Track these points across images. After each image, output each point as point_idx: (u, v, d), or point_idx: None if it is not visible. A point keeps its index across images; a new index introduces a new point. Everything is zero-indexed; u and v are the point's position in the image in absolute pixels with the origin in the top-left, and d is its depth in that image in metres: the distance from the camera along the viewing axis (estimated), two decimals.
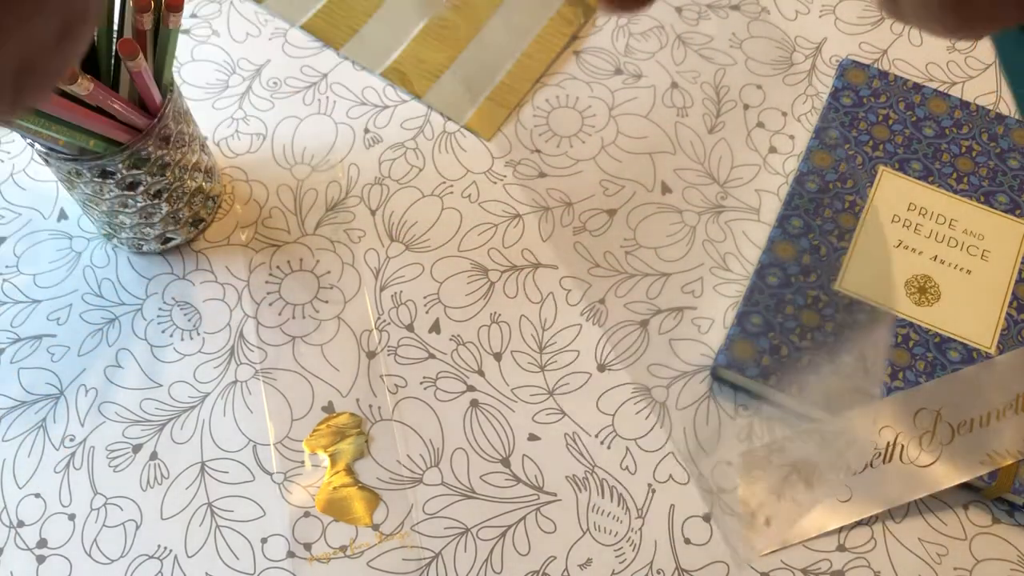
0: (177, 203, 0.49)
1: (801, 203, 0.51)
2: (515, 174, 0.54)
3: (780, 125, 0.56)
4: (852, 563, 0.44)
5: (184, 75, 0.58)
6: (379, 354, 0.49)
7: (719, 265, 0.52)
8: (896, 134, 0.53)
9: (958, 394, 0.46)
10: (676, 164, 0.54)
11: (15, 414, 0.48)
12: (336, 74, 0.57)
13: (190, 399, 0.48)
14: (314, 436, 0.47)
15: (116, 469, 0.47)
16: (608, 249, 0.52)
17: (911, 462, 0.45)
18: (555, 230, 0.53)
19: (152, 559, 0.45)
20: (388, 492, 0.46)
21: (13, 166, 0.55)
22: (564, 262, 0.52)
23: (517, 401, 0.48)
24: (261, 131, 0.56)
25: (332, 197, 0.54)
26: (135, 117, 0.44)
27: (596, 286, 0.51)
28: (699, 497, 0.46)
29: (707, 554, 0.44)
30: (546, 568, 0.44)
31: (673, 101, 0.57)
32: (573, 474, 0.46)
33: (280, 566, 0.44)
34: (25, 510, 0.46)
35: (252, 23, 0.59)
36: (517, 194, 0.54)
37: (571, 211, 0.53)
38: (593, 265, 0.52)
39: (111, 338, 0.50)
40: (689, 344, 0.49)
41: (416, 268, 0.51)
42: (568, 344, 0.49)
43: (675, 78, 0.57)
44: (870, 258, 0.49)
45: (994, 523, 0.45)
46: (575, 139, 0.55)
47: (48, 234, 0.53)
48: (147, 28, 0.42)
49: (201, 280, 0.51)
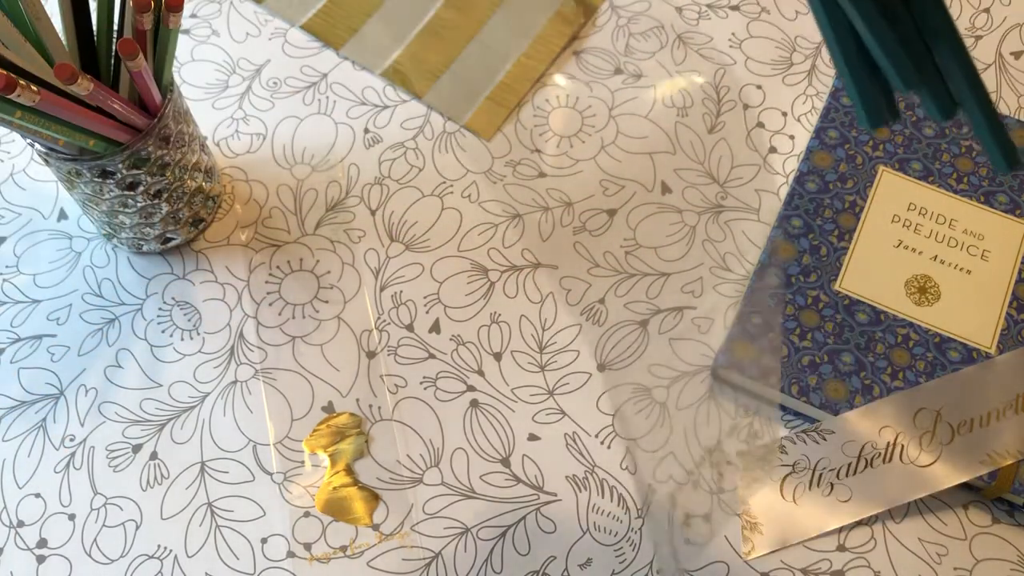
0: (177, 203, 0.49)
1: (801, 203, 0.51)
2: (515, 174, 0.54)
3: (780, 125, 0.56)
4: (852, 563, 0.44)
5: (184, 75, 0.58)
6: (379, 354, 0.49)
7: (719, 265, 0.52)
8: (896, 134, 0.53)
9: (958, 394, 0.46)
10: (676, 164, 0.54)
11: (15, 414, 0.48)
12: (336, 74, 0.58)
13: (190, 399, 0.48)
14: (314, 436, 0.47)
15: (116, 469, 0.47)
16: (608, 249, 0.52)
17: (911, 462, 0.45)
18: (555, 230, 0.53)
19: (152, 559, 0.45)
20: (388, 492, 0.46)
21: (13, 166, 0.55)
22: (564, 262, 0.52)
23: (517, 401, 0.48)
24: (261, 131, 0.56)
25: (332, 197, 0.54)
26: (135, 117, 0.44)
27: (596, 286, 0.51)
28: (699, 497, 0.46)
29: (707, 554, 0.44)
30: (546, 568, 0.44)
31: (673, 101, 0.57)
32: (573, 474, 0.46)
33: (280, 566, 0.44)
34: (25, 510, 0.46)
35: (252, 23, 0.59)
36: (517, 194, 0.54)
37: (571, 211, 0.53)
38: (593, 265, 0.52)
39: (111, 338, 0.50)
40: (689, 344, 0.49)
41: (416, 268, 0.51)
42: (568, 344, 0.49)
43: (675, 78, 0.57)
44: (870, 258, 0.49)
45: (994, 523, 0.45)
46: (575, 139, 0.55)
47: (48, 234, 0.53)
48: (147, 28, 0.42)
49: (201, 280, 0.51)
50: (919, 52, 0.33)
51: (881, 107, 0.34)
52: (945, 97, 0.34)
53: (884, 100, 0.34)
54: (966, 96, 0.34)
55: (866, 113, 0.34)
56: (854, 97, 0.34)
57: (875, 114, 0.34)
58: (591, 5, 0.60)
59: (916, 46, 0.33)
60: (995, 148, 0.34)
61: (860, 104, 0.34)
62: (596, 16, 0.60)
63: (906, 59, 0.32)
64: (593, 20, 0.60)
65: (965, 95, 0.34)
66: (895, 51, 0.32)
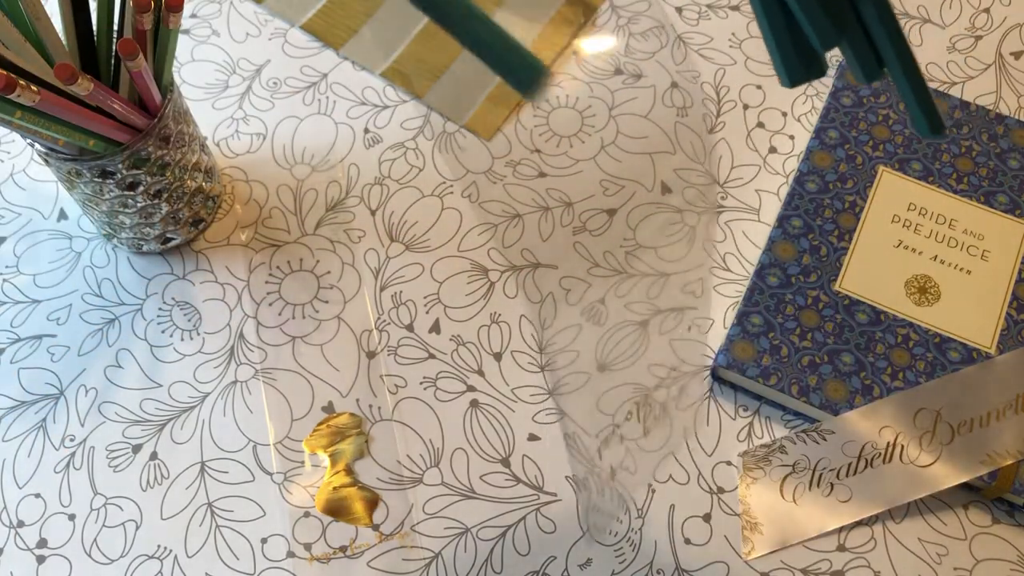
0: (177, 203, 0.49)
1: (801, 203, 0.51)
2: (515, 174, 0.54)
3: (780, 125, 0.56)
4: (852, 563, 0.44)
5: (184, 75, 0.58)
6: (379, 354, 0.49)
7: (719, 265, 0.52)
8: (896, 134, 0.53)
9: (958, 394, 0.46)
10: (676, 164, 0.54)
11: (15, 414, 0.48)
12: (336, 74, 0.58)
13: (190, 399, 0.48)
14: (314, 436, 0.47)
15: (116, 469, 0.47)
16: (608, 249, 0.52)
17: (911, 462, 0.45)
18: (555, 230, 0.53)
19: (152, 559, 0.45)
20: (388, 492, 0.46)
21: (13, 166, 0.55)
22: (564, 262, 0.52)
23: (517, 401, 0.48)
24: (261, 131, 0.56)
25: (332, 197, 0.54)
26: (135, 117, 0.44)
27: (596, 286, 0.51)
28: (699, 497, 0.46)
29: (707, 554, 0.45)
30: (546, 568, 0.44)
31: (673, 101, 0.57)
32: (573, 474, 0.46)
33: (280, 566, 0.44)
34: (25, 510, 0.46)
35: (252, 23, 0.59)
36: (517, 194, 0.54)
37: (571, 211, 0.53)
38: (593, 265, 0.52)
39: (111, 338, 0.50)
40: (689, 344, 0.49)
41: (416, 268, 0.51)
42: (568, 344, 0.49)
43: (675, 78, 0.57)
44: (870, 258, 0.49)
45: (994, 523, 0.45)
46: (575, 139, 0.55)
47: (48, 234, 0.53)
48: (147, 28, 0.42)
49: (201, 280, 0.51)
50: (842, 11, 0.33)
51: (797, 65, 0.33)
52: (870, 59, 0.33)
53: (804, 58, 0.34)
54: (891, 59, 0.33)
55: (785, 69, 0.34)
56: (773, 53, 0.34)
57: (793, 71, 0.34)
58: (591, 5, 0.60)
59: (839, 5, 0.32)
60: (919, 112, 0.34)
61: (778, 60, 0.34)
62: (596, 16, 0.60)
63: (825, 17, 0.32)
64: (593, 20, 0.60)
65: (890, 58, 0.33)
66: (814, 8, 0.32)
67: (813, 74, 0.34)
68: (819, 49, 0.32)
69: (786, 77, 0.34)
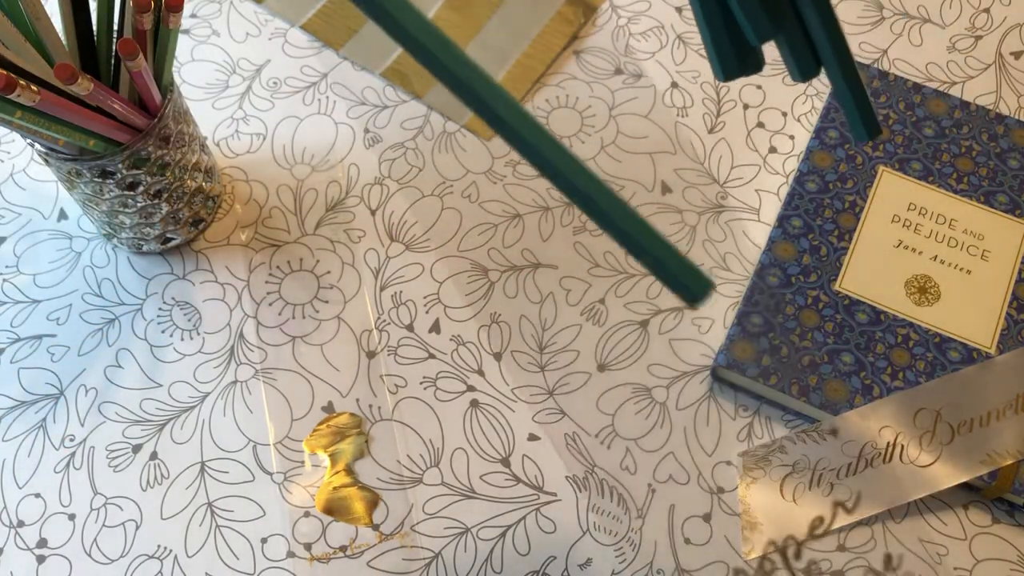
0: (177, 203, 0.49)
1: (801, 203, 0.51)
2: (515, 174, 0.54)
3: (780, 125, 0.56)
4: (852, 563, 0.44)
5: (184, 75, 0.58)
6: (379, 354, 0.49)
7: (719, 265, 0.52)
8: (896, 134, 0.53)
9: (958, 394, 0.46)
10: (676, 164, 0.54)
11: (15, 414, 0.48)
12: (336, 74, 0.58)
13: (190, 399, 0.48)
14: (314, 436, 0.47)
15: (116, 469, 0.47)
16: (608, 249, 0.52)
17: (911, 462, 0.45)
18: (555, 230, 0.53)
19: (152, 559, 0.45)
20: (388, 492, 0.46)
21: (13, 166, 0.55)
22: (564, 262, 0.52)
23: (517, 401, 0.48)
24: (261, 131, 0.56)
25: (332, 197, 0.54)
26: (135, 117, 0.44)
27: (596, 286, 0.51)
28: (699, 497, 0.46)
29: (707, 554, 0.45)
30: (546, 568, 0.44)
31: (673, 101, 0.57)
32: (573, 474, 0.46)
33: (280, 566, 0.44)
34: (25, 510, 0.46)
35: (252, 23, 0.59)
36: (517, 194, 0.54)
37: (571, 211, 0.53)
38: (593, 265, 0.52)
39: (111, 338, 0.50)
40: (689, 344, 0.49)
41: (416, 268, 0.51)
42: (568, 344, 0.49)
43: (675, 78, 0.57)
44: (870, 258, 0.49)
45: (994, 523, 0.45)
46: (575, 139, 0.55)
47: (48, 234, 0.53)
48: (147, 28, 0.42)
49: (201, 280, 0.51)
50: (779, 4, 0.32)
51: (733, 58, 0.33)
52: (806, 55, 0.33)
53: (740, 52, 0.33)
54: (828, 56, 0.32)
55: (719, 63, 0.33)
56: (708, 46, 0.33)
57: (728, 65, 0.33)
58: (591, 5, 0.60)
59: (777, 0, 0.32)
60: (855, 114, 0.33)
61: (712, 53, 0.33)
62: (596, 16, 0.60)
63: (761, 11, 0.31)
64: (593, 20, 0.60)
65: (828, 56, 0.32)
66: (749, 2, 0.31)
67: (749, 68, 0.33)
68: (754, 42, 0.32)
69: (720, 71, 0.33)
